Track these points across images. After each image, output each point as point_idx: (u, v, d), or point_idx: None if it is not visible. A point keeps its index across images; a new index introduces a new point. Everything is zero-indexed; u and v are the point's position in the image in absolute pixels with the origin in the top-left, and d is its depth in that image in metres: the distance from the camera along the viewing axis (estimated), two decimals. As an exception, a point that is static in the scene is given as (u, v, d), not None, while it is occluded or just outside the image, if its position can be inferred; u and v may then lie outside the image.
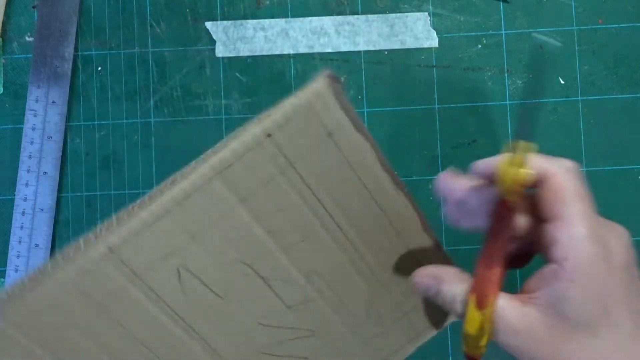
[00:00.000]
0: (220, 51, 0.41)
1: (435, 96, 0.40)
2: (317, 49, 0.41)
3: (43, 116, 0.40)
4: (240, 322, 0.30)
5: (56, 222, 0.41)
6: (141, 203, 0.28)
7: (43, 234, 0.40)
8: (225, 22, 0.41)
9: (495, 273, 0.26)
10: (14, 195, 0.41)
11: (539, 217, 0.26)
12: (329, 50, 0.41)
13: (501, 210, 0.26)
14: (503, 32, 0.40)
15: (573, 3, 0.40)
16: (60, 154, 0.41)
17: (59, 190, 0.41)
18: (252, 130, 0.27)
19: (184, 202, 0.27)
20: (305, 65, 0.41)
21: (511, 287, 0.26)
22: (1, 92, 0.41)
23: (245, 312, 0.30)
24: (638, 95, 0.41)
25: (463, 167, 0.41)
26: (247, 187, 0.28)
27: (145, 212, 0.27)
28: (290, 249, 0.30)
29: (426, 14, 0.40)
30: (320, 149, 0.28)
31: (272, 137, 0.27)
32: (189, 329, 0.29)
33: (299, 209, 0.29)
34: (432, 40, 0.41)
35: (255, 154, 0.27)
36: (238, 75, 0.41)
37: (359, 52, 0.41)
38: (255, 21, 0.41)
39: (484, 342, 0.26)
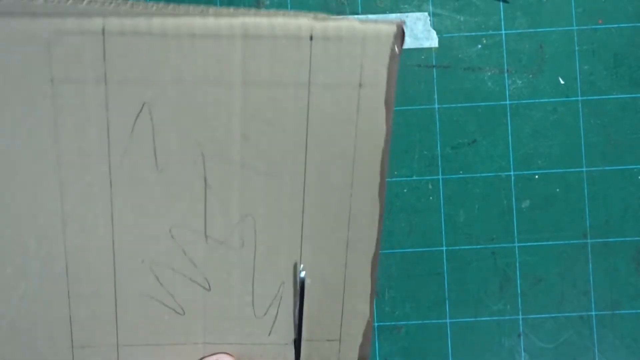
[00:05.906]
0: (220, 51, 0.41)
1: (435, 96, 0.40)
2: (317, 49, 0.41)
3: None
4: (155, 220, 0.26)
5: None
6: (161, 9, 0.24)
7: None
8: (225, 22, 0.41)
9: None
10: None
11: None
12: (329, 50, 0.41)
13: None
14: (503, 32, 0.40)
15: (573, 3, 0.40)
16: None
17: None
18: (301, 20, 0.24)
19: (193, 40, 0.24)
20: (305, 65, 0.41)
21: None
22: None
23: (166, 210, 0.26)
24: (638, 95, 0.40)
25: (463, 167, 0.41)
26: (258, 73, 0.24)
27: (150, 21, 0.23)
28: (250, 171, 0.26)
29: (426, 14, 0.40)
30: (342, 90, 0.25)
31: (313, 40, 0.25)
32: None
33: (285, 134, 0.25)
34: (432, 41, 0.41)
35: (288, 44, 0.24)
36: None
37: (359, 52, 0.41)
38: (255, 21, 0.41)
39: None
